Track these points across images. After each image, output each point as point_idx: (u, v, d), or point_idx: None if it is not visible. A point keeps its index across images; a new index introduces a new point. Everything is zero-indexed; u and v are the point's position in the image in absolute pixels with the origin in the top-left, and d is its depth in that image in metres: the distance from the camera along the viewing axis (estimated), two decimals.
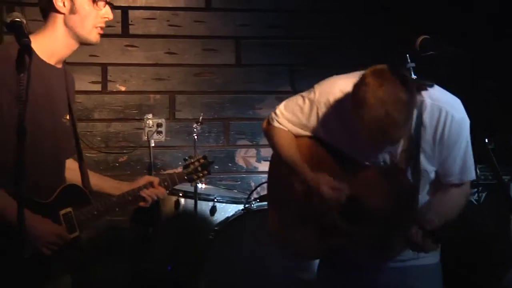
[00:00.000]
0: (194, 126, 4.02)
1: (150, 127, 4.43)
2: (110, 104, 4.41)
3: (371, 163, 2.69)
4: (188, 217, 3.93)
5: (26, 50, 2.19)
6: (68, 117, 2.77)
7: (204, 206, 3.94)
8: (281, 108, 2.88)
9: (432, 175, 2.69)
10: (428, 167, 2.64)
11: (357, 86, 2.46)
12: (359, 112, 2.42)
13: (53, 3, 2.61)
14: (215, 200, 3.96)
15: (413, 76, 3.71)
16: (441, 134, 2.59)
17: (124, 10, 4.38)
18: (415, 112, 2.54)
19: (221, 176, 4.58)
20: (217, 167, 4.57)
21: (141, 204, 2.97)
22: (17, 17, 2.32)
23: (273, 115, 2.91)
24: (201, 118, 4.06)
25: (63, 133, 2.76)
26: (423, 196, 2.71)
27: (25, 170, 2.39)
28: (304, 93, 2.82)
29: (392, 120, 2.38)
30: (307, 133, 2.85)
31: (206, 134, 4.53)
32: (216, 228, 3.85)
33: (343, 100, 2.60)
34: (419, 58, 2.64)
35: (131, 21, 4.40)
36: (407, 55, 3.76)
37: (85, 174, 2.82)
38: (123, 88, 4.43)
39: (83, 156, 2.84)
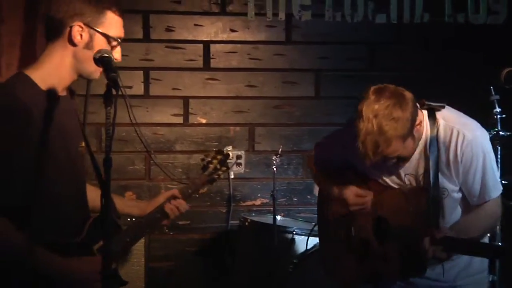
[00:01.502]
0: (273, 158, 4.04)
1: (230, 159, 4.48)
2: (191, 136, 4.48)
3: (397, 185, 2.77)
4: (266, 248, 3.92)
5: (114, 84, 2.24)
6: (83, 145, 2.59)
7: (283, 238, 3.93)
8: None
9: (457, 194, 2.70)
10: (450, 186, 2.66)
11: (359, 101, 2.57)
12: (356, 124, 2.52)
13: (70, 34, 2.41)
14: (294, 232, 3.94)
15: (498, 109, 3.71)
16: (454, 153, 2.62)
17: (206, 44, 4.46)
18: (429, 133, 2.62)
19: (300, 208, 4.57)
20: (295, 199, 4.57)
21: (165, 222, 2.92)
22: (106, 52, 2.38)
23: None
24: (280, 150, 4.08)
25: (81, 163, 2.60)
26: (455, 217, 2.74)
27: (71, 208, 2.44)
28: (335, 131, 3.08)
29: (384, 134, 2.46)
30: (341, 164, 2.98)
31: (285, 166, 4.54)
32: (295, 260, 3.84)
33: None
34: (504, 90, 2.61)
35: (213, 55, 4.47)
36: (491, 87, 3.74)
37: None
38: (204, 121, 4.50)
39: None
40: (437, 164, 2.64)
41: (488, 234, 2.93)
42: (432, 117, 2.65)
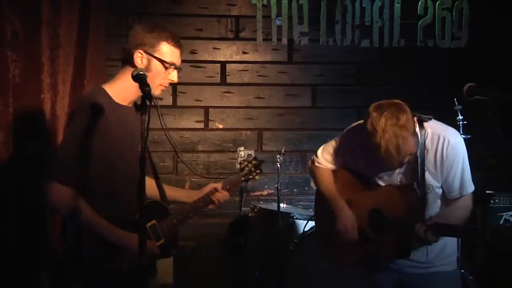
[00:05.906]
0: (277, 157, 4.07)
1: (242, 158, 4.50)
2: (210, 139, 4.51)
3: (389, 183, 2.77)
4: (272, 230, 3.94)
5: (148, 96, 2.29)
6: None
7: (286, 222, 3.96)
8: (320, 151, 3.05)
9: (439, 190, 2.72)
10: (434, 183, 2.69)
11: (365, 122, 2.57)
12: (374, 141, 2.51)
13: (133, 59, 2.58)
14: (294, 217, 3.98)
15: (460, 117, 3.72)
16: (441, 155, 2.64)
17: (223, 64, 4.49)
18: (419, 139, 2.62)
19: (299, 197, 4.58)
20: (295, 190, 4.59)
21: (211, 207, 2.96)
22: (141, 70, 2.43)
23: (314, 157, 3.08)
24: (283, 150, 4.10)
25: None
26: (435, 209, 2.75)
27: (126, 194, 2.52)
28: (336, 138, 3.00)
29: (399, 136, 2.47)
30: (341, 167, 2.98)
31: (287, 164, 4.56)
32: (295, 240, 3.87)
33: (363, 136, 2.66)
34: (465, 102, 2.62)
35: (228, 73, 4.50)
36: (455, 99, 3.75)
37: (162, 190, 2.79)
38: (221, 126, 4.52)
39: (158, 175, 2.80)
40: (423, 164, 2.65)
41: None
42: (420, 126, 2.66)
